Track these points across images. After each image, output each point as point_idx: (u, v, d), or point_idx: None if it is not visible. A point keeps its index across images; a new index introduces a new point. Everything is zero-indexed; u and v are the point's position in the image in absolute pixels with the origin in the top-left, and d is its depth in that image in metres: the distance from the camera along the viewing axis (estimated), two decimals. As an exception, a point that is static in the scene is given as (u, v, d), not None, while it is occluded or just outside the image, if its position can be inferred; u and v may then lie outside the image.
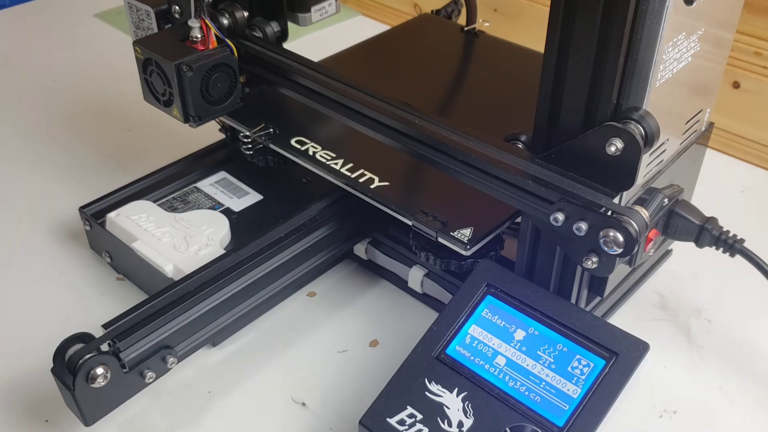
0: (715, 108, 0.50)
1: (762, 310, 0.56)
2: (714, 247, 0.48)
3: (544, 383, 0.43)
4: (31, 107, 0.82)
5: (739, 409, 0.49)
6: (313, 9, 0.61)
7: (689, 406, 0.49)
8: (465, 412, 0.42)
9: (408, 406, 0.43)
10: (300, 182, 0.61)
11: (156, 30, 0.58)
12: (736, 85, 0.72)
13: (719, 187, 0.67)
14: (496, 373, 0.43)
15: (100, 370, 0.42)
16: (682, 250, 0.58)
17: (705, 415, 0.48)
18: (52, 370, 0.43)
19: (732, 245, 0.47)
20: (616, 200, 0.42)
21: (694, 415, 0.48)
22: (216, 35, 0.54)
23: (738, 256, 0.48)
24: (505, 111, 0.62)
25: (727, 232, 0.48)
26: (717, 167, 0.69)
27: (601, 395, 0.41)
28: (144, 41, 0.55)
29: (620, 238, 0.40)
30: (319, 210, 0.55)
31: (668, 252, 0.60)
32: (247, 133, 0.57)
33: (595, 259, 0.42)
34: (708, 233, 0.47)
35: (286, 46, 0.61)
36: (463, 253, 0.48)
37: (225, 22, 0.56)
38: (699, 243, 0.48)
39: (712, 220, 0.48)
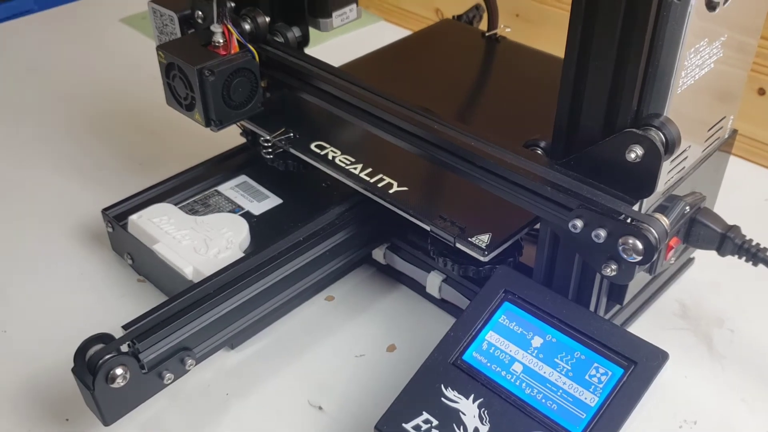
0: (739, 114, 0.50)
1: (786, 321, 0.55)
2: (737, 256, 0.47)
3: (561, 391, 0.42)
4: (57, 111, 0.83)
5: (762, 421, 0.48)
6: (334, 14, 0.61)
7: (710, 417, 0.48)
8: (481, 418, 0.42)
9: (424, 412, 0.43)
10: (319, 186, 0.62)
11: (179, 35, 0.59)
12: (761, 91, 0.71)
13: (742, 194, 0.66)
14: (512, 380, 0.43)
15: (119, 371, 0.42)
16: (705, 258, 0.57)
17: (726, 426, 0.48)
18: (73, 370, 0.43)
19: (755, 254, 0.47)
20: (636, 207, 0.42)
21: (714, 426, 0.48)
22: (238, 40, 0.55)
23: (761, 266, 0.47)
24: (526, 117, 0.62)
25: (750, 240, 0.47)
26: (741, 175, 0.69)
27: (618, 404, 0.41)
28: (167, 46, 0.55)
29: (639, 245, 0.40)
30: (338, 214, 0.55)
31: (690, 260, 0.59)
32: (268, 138, 0.58)
33: (614, 267, 0.42)
34: (730, 242, 0.47)
35: (308, 51, 0.62)
36: (481, 259, 0.48)
37: (247, 27, 0.56)
38: (721, 251, 0.47)
39: (735, 228, 0.47)
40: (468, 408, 0.42)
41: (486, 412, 0.42)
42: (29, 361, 0.53)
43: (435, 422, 0.42)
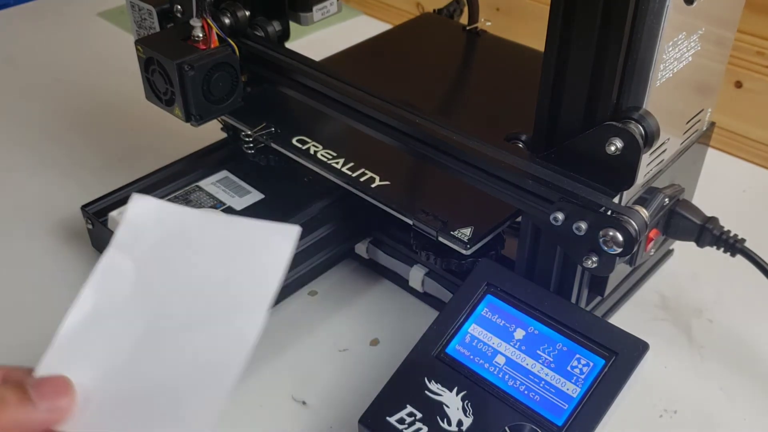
0: (717, 107, 0.50)
1: (763, 311, 0.55)
2: (715, 247, 0.48)
3: (543, 382, 0.43)
4: (33, 106, 0.82)
5: (740, 409, 0.49)
6: (314, 8, 0.61)
7: (690, 406, 0.49)
8: (464, 411, 0.42)
9: (408, 405, 0.43)
10: (301, 181, 0.61)
11: (158, 29, 0.58)
12: (738, 84, 0.72)
13: (721, 186, 0.67)
14: (495, 372, 0.44)
15: (100, 368, 0.42)
16: (684, 249, 0.58)
17: (705, 415, 0.48)
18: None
19: (733, 245, 0.47)
20: (616, 200, 0.42)
21: (694, 415, 0.48)
22: (218, 34, 0.54)
23: (739, 256, 0.48)
24: (507, 110, 0.62)
25: (728, 231, 0.48)
26: (719, 167, 0.69)
27: (600, 395, 0.41)
28: (146, 40, 0.55)
29: (620, 237, 0.40)
30: (320, 209, 0.55)
31: (669, 252, 0.60)
32: (249, 132, 0.58)
33: (595, 259, 0.42)
34: (709, 233, 0.47)
35: (288, 45, 0.62)
36: (464, 252, 0.48)
37: (227, 21, 0.56)
38: (700, 243, 0.48)
39: (713, 219, 0.48)
40: (451, 400, 0.43)
41: (469, 404, 0.42)
42: (8, 361, 0.52)
43: (419, 415, 0.42)
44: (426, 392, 0.43)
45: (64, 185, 0.69)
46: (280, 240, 0.35)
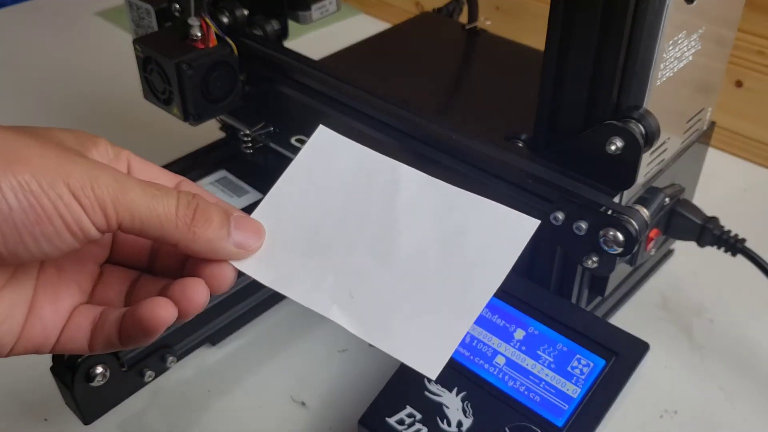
0: (717, 107, 0.50)
1: (764, 311, 0.55)
2: (716, 247, 0.48)
3: (543, 383, 0.42)
4: (31, 105, 0.82)
5: (740, 409, 0.49)
6: (313, 7, 0.61)
7: (690, 406, 0.49)
8: (464, 411, 0.42)
9: (407, 406, 0.43)
10: (300, 181, 0.61)
11: (156, 28, 0.58)
12: (738, 83, 0.72)
13: (721, 186, 0.67)
14: (495, 373, 0.43)
15: (99, 369, 0.42)
16: (684, 249, 0.58)
17: (706, 415, 0.48)
18: (52, 369, 0.43)
19: (733, 245, 0.47)
20: (616, 199, 0.42)
21: (694, 415, 0.48)
22: (216, 33, 0.54)
23: (740, 256, 0.48)
24: (506, 109, 0.62)
25: (729, 231, 0.47)
26: (719, 166, 0.69)
27: (600, 395, 0.41)
28: (144, 39, 0.54)
29: (620, 237, 0.40)
30: (319, 209, 0.55)
31: (670, 252, 0.60)
32: (247, 132, 0.57)
33: (595, 259, 0.42)
34: (709, 233, 0.47)
35: (288, 44, 0.61)
36: (463, 252, 0.48)
37: (225, 20, 0.56)
38: (700, 242, 0.48)
39: (714, 219, 0.48)
40: (451, 401, 0.42)
41: (469, 405, 0.42)
42: (6, 361, 0.52)
43: (419, 416, 0.42)
44: (426, 393, 0.43)
45: (62, 185, 0.69)
46: (517, 230, 0.33)
